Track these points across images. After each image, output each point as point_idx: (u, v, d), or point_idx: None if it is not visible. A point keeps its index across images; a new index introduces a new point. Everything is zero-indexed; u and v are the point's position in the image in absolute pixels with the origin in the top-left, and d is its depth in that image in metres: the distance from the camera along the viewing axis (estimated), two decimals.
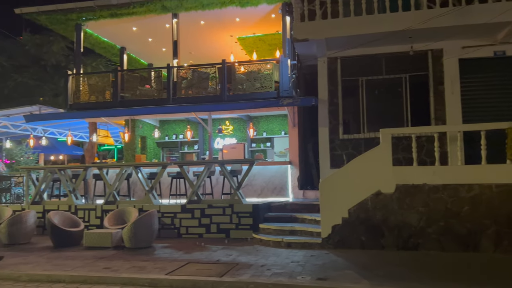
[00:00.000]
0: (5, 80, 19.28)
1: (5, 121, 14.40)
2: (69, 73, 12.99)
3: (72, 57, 19.52)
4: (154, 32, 13.78)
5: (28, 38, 20.79)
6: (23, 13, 12.45)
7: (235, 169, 10.89)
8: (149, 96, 12.53)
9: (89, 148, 14.13)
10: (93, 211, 10.82)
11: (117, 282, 6.37)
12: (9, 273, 6.96)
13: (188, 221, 10.10)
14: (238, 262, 7.13)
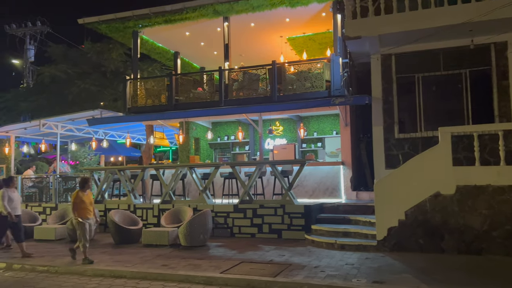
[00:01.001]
0: (70, 87, 20.62)
1: (70, 125, 15.39)
2: (127, 78, 13.63)
3: (129, 63, 20.49)
4: (206, 36, 14.11)
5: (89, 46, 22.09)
6: (86, 23, 13.24)
7: (286, 170, 10.88)
8: (202, 98, 12.84)
9: (146, 149, 14.72)
10: (151, 210, 11.27)
11: (174, 279, 6.60)
12: (76, 268, 7.44)
13: (240, 221, 10.24)
14: (291, 263, 7.12)
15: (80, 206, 7.87)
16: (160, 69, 21.44)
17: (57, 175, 13.58)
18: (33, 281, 6.91)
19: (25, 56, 27.24)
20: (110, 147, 18.32)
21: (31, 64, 27.30)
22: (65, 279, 6.97)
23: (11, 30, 27.08)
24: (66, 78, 21.10)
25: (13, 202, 8.67)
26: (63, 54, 22.32)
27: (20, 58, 27.66)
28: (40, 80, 22.32)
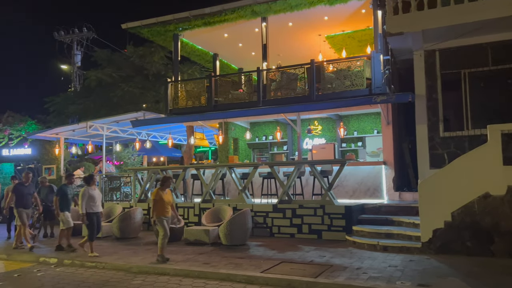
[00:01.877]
0: (114, 90, 21.42)
1: (115, 126, 15.98)
2: (168, 80, 13.98)
3: (170, 65, 20.98)
4: (244, 37, 14.22)
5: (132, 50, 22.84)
6: (128, 28, 13.71)
7: (326, 170, 10.77)
8: (241, 99, 12.94)
9: (187, 150, 15.03)
10: (192, 209, 11.50)
11: (216, 278, 6.70)
12: (122, 264, 7.72)
13: (279, 221, 10.24)
14: (332, 264, 7.04)
15: (160, 205, 7.82)
16: (199, 71, 21.82)
17: (103, 175, 14.14)
18: (82, 276, 7.24)
19: (73, 61, 28.61)
20: (153, 148, 18.86)
21: (78, 68, 28.64)
22: (111, 275, 7.25)
23: (59, 37, 28.50)
24: (111, 82, 21.94)
25: (94, 200, 8.67)
26: (108, 58, 23.23)
27: (68, 63, 29.07)
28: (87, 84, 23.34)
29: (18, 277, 7.32)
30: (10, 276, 7.44)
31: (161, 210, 7.84)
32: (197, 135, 15.80)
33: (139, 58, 21.64)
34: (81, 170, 16.24)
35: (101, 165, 16.18)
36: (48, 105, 23.70)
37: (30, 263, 8.51)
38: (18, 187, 9.86)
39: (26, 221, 9.67)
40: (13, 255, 9.12)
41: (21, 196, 9.75)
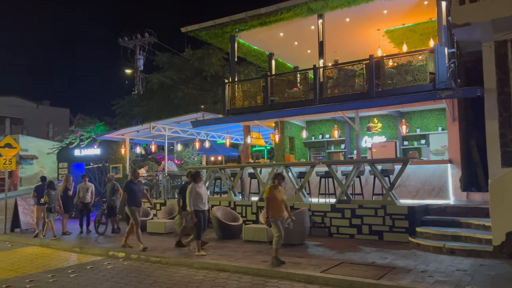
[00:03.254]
0: (175, 91, 22.27)
1: (176, 127, 16.59)
2: (225, 81, 14.26)
3: (227, 66, 21.42)
4: (300, 35, 14.14)
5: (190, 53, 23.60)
6: (188, 31, 14.16)
7: (387, 169, 10.41)
8: (297, 98, 12.88)
9: (244, 149, 15.25)
10: (249, 207, 11.65)
11: (275, 276, 6.73)
12: (184, 260, 8.00)
13: (338, 221, 10.07)
14: (395, 266, 6.80)
15: (273, 204, 7.30)
16: (255, 71, 22.03)
17: (165, 174, 14.74)
18: (148, 270, 7.60)
19: (136, 66, 30.15)
20: (211, 147, 19.35)
21: (140, 72, 30.13)
22: (175, 270, 7.53)
23: (123, 43, 30.14)
24: (172, 84, 22.82)
25: (201, 197, 8.43)
26: (169, 61, 24.17)
27: (132, 67, 30.66)
28: (150, 87, 24.44)
29: (90, 269, 7.84)
30: (84, 267, 7.99)
31: (275, 210, 7.30)
32: (254, 134, 15.97)
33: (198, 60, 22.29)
34: (144, 169, 17.04)
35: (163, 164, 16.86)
36: (114, 107, 25.16)
37: (100, 256, 9.08)
38: (129, 184, 9.50)
39: (138, 219, 9.36)
40: (85, 248, 9.79)
41: (132, 193, 9.40)
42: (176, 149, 19.18)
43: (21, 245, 10.96)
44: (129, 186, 9.49)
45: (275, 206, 7.30)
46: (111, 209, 12.04)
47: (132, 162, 17.55)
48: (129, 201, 9.34)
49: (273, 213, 7.27)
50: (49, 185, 11.73)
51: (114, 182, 12.38)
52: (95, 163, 16.90)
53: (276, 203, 7.32)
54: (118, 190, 12.17)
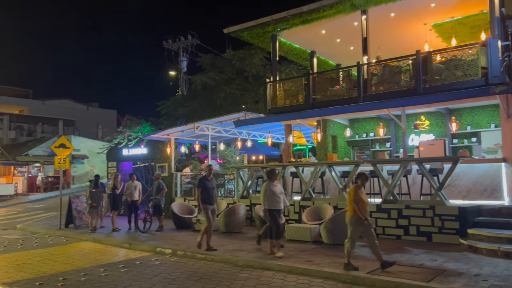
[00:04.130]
0: (217, 92, 22.60)
1: (219, 126, 16.83)
2: (267, 81, 14.30)
3: (269, 66, 21.46)
4: (342, 32, 13.91)
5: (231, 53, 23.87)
6: (230, 32, 14.33)
7: (435, 168, 10.02)
8: (339, 96, 12.70)
9: (286, 148, 15.21)
10: (292, 207, 11.61)
11: (319, 276, 6.68)
12: (229, 257, 8.11)
13: (384, 221, 9.83)
14: (445, 269, 6.55)
15: (361, 206, 6.72)
16: (297, 70, 21.92)
17: None
18: (194, 267, 7.78)
19: (179, 67, 30.91)
20: (252, 147, 19.48)
21: (184, 74, 30.85)
22: (220, 267, 7.66)
23: (167, 45, 30.98)
24: (215, 85, 23.19)
25: (276, 196, 8.01)
26: (211, 62, 24.56)
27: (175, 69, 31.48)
28: (193, 88, 24.96)
29: (139, 264, 8.13)
30: (133, 263, 8.30)
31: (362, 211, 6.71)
32: (295, 133, 15.88)
33: (240, 60, 22.49)
34: (189, 168, 17.44)
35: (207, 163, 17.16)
36: (159, 108, 25.91)
37: (148, 252, 9.39)
38: (203, 181, 9.09)
39: (211, 218, 8.98)
40: (134, 244, 10.16)
41: (205, 190, 8.98)
42: (219, 149, 19.46)
43: (75, 240, 11.55)
44: (203, 182, 9.03)
45: (363, 208, 6.72)
46: (156, 207, 12.41)
47: (177, 161, 17.99)
48: (202, 199, 8.93)
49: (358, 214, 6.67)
50: (95, 182, 12.64)
51: (160, 181, 12.75)
52: (142, 162, 17.48)
53: (363, 205, 6.74)
54: (163, 189, 12.53)
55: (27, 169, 30.71)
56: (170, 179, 15.78)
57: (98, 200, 12.68)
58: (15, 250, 10.08)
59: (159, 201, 12.43)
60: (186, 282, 6.64)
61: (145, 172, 17.20)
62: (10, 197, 26.60)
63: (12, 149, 32.33)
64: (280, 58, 15.94)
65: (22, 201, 25.56)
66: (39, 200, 25.94)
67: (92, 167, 33.37)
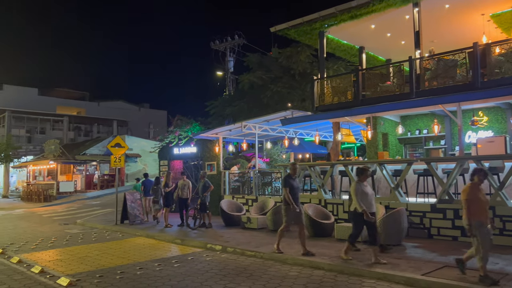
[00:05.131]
0: (264, 91, 22.72)
1: (266, 125, 16.90)
2: (314, 78, 14.17)
3: (316, 63, 21.27)
4: (393, 26, 13.51)
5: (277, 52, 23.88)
6: (276, 30, 14.36)
7: (495, 166, 9.46)
8: (390, 92, 12.33)
9: (334, 146, 14.99)
10: (341, 206, 11.44)
11: (372, 276, 6.53)
12: (278, 255, 8.13)
13: (439, 222, 9.43)
14: (508, 272, 6.19)
15: (477, 207, 5.82)
16: (345, 67, 21.55)
17: (256, 171, 15.11)
18: (244, 264, 7.88)
19: (226, 67, 31.42)
20: (299, 145, 19.37)
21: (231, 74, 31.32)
22: (269, 265, 7.70)
23: (215, 46, 31.58)
24: (261, 84, 23.31)
25: (367, 198, 7.25)
26: (258, 62, 24.72)
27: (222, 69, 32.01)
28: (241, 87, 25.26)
29: (191, 260, 8.35)
30: (186, 258, 8.55)
31: (479, 214, 5.80)
32: (344, 131, 15.62)
33: (286, 58, 22.45)
34: (237, 167, 17.66)
35: (254, 161, 17.30)
36: (208, 108, 26.46)
37: (199, 248, 9.63)
38: (288, 179, 8.45)
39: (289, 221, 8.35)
40: (185, 240, 10.45)
41: (292, 190, 8.32)
42: (265, 147, 19.54)
43: (130, 235, 12.08)
44: (289, 181, 8.38)
45: (479, 209, 5.82)
46: (203, 205, 12.66)
47: (225, 159, 18.27)
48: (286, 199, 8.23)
49: (477, 217, 5.77)
50: (156, 181, 14.10)
51: (206, 179, 12.99)
52: (192, 161, 17.94)
53: (480, 205, 5.84)
54: (209, 187, 12.74)
55: (85, 168, 32.48)
56: (218, 177, 16.07)
57: (159, 196, 13.91)
58: (76, 244, 10.72)
59: (205, 199, 12.65)
60: (237, 279, 6.74)
61: (195, 170, 17.64)
62: (70, 193, 28.28)
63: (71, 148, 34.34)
64: (327, 54, 15.76)
65: (80, 197, 27.09)
66: (96, 197, 27.39)
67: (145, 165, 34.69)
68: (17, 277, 7.26)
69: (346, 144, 23.46)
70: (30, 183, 30.78)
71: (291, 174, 8.62)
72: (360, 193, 7.24)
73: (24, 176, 34.67)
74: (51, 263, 8.31)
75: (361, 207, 7.07)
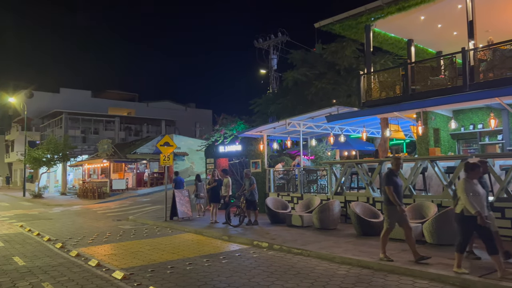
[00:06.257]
0: (308, 88, 22.51)
1: (310, 122, 16.72)
2: (360, 73, 13.85)
3: (362, 58, 20.77)
4: (444, 17, 12.92)
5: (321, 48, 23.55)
6: (321, 26, 14.17)
7: None
8: (442, 85, 11.81)
9: (382, 143, 14.59)
10: None
11: (424, 277, 6.30)
12: (325, 253, 8.04)
13: (497, 221, 8.87)
14: None
15: None
16: (392, 60, 20.88)
17: (301, 168, 15.02)
18: (291, 261, 7.87)
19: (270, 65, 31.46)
20: (345, 142, 19.01)
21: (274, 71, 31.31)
22: (316, 263, 7.63)
23: (258, 44, 31.71)
24: (306, 80, 23.10)
25: (480, 198, 6.16)
26: (302, 58, 24.52)
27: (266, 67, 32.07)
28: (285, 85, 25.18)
29: (239, 256, 8.46)
30: (233, 255, 8.67)
31: None
32: (392, 127, 15.13)
33: (331, 54, 22.10)
34: (281, 164, 17.64)
35: (299, 159, 17.21)
36: (252, 106, 26.63)
37: (246, 245, 9.72)
38: (392, 176, 7.45)
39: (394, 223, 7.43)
40: (232, 237, 10.60)
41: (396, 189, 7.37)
42: (310, 144, 19.36)
43: (179, 231, 12.42)
44: (392, 179, 7.37)
45: None
46: (250, 202, 12.75)
47: (269, 157, 18.32)
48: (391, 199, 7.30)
49: None
50: (197, 177, 14.93)
51: (251, 177, 13.06)
52: (237, 159, 18.14)
53: None
54: (252, 185, 12.81)
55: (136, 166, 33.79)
56: (263, 175, 16.13)
57: (202, 191, 14.90)
58: (129, 239, 11.18)
59: (253, 196, 12.72)
60: (284, 276, 6.74)
61: (240, 168, 17.82)
62: (122, 191, 29.53)
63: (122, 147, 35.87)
64: (374, 49, 15.36)
65: (132, 195, 28.23)
66: (146, 194, 28.41)
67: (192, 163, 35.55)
68: (75, 269, 7.69)
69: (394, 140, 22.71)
70: (85, 181, 32.46)
71: (394, 170, 7.52)
72: (471, 192, 6.12)
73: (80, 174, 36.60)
74: (106, 257, 8.72)
75: (474, 208, 5.91)
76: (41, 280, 6.91)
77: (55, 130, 44.22)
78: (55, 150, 31.13)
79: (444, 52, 15.06)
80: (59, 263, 8.23)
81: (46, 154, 30.99)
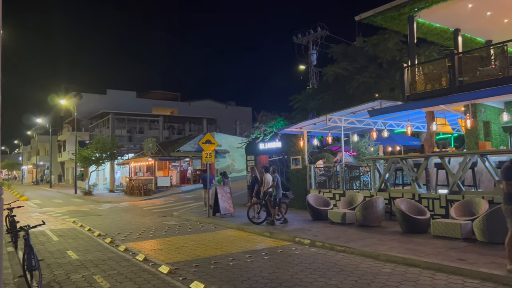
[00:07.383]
0: (349, 82, 22.03)
1: (352, 117, 16.41)
2: (404, 65, 13.42)
3: (405, 50, 20.07)
4: (494, 4, 12.26)
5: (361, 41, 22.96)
6: (362, 19, 13.84)
7: None
8: (492, 76, 11.22)
9: (428, 137, 14.07)
10: (437, 201, 10.71)
11: (475, 276, 6.04)
12: (369, 251, 7.89)
13: None
14: None
15: None
16: (437, 51, 20.03)
17: (343, 165, 14.79)
18: (334, 259, 7.79)
19: (309, 61, 31.11)
20: (389, 137, 18.48)
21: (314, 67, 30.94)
22: (360, 261, 7.51)
23: (297, 40, 31.44)
24: (346, 75, 22.63)
25: None
26: (342, 52, 24.03)
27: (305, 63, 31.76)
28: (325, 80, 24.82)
29: (280, 253, 8.48)
30: (275, 251, 8.70)
31: None
32: (439, 120, 14.56)
33: (373, 47, 21.51)
34: (322, 161, 17.45)
35: (341, 155, 16.96)
36: (292, 103, 26.47)
37: (288, 242, 9.72)
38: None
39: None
40: (274, 233, 10.63)
41: None
42: (352, 140, 19.01)
43: (222, 227, 12.62)
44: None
45: None
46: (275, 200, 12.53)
47: (310, 153, 18.17)
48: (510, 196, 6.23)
49: None
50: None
51: (276, 174, 12.78)
52: (277, 155, 18.14)
53: None
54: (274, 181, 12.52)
55: (179, 164, 34.64)
56: (304, 172, 16.04)
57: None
58: (174, 234, 11.50)
59: (276, 194, 12.39)
60: (327, 273, 6.69)
61: (280, 165, 17.81)
62: (166, 188, 30.41)
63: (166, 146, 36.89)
64: (418, 40, 14.81)
65: (175, 191, 28.99)
66: (189, 191, 29.09)
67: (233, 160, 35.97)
68: (124, 264, 8.02)
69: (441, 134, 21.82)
70: (132, 179, 33.70)
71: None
72: None
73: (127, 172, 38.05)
74: (152, 252, 9.03)
75: None
76: (93, 273, 7.27)
77: (103, 130, 46.19)
78: (103, 149, 32.54)
79: (494, 41, 14.27)
80: (108, 257, 8.62)
81: (95, 153, 32.47)
